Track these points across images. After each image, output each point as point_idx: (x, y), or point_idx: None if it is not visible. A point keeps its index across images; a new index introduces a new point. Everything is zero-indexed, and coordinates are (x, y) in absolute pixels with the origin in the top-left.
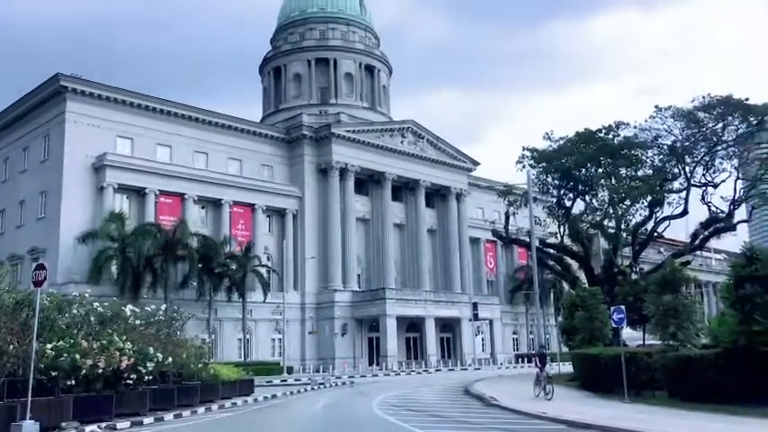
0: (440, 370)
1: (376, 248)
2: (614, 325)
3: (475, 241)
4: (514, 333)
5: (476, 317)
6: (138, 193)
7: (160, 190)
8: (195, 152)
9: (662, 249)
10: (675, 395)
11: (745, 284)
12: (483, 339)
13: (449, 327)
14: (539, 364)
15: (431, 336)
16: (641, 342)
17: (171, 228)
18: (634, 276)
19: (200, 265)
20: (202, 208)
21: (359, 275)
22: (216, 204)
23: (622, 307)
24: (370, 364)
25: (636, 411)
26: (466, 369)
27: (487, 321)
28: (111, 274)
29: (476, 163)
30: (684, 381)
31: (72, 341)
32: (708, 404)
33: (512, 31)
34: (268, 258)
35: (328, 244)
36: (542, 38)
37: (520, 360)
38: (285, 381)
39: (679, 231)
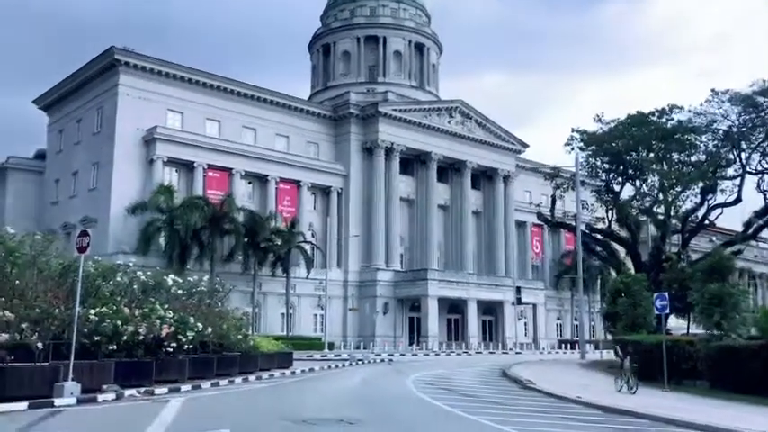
0: (480, 352)
1: (419, 229)
2: (657, 312)
3: (521, 225)
4: (558, 319)
5: (519, 301)
6: (187, 167)
7: (208, 164)
8: (243, 128)
9: (714, 238)
10: (717, 385)
11: None
12: (526, 324)
13: (491, 310)
14: (620, 353)
15: (472, 318)
16: (686, 331)
17: (218, 202)
18: (681, 264)
19: (245, 240)
20: (249, 183)
21: (401, 255)
22: (262, 180)
23: (666, 294)
24: (411, 343)
25: (674, 400)
26: (506, 353)
27: (531, 306)
28: (159, 246)
29: (525, 145)
30: (727, 371)
31: (115, 308)
32: (750, 396)
33: (566, 12)
34: (312, 235)
35: (372, 223)
36: (597, 19)
37: (563, 346)
38: (325, 356)
39: (734, 220)
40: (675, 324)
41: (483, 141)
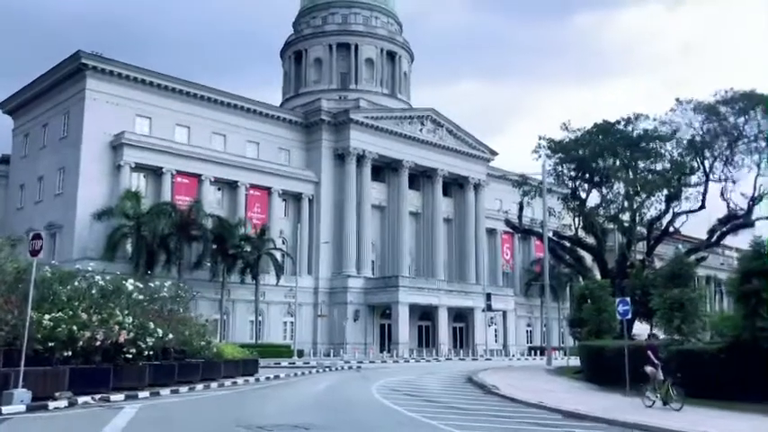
0: (450, 359)
1: (391, 236)
2: (619, 317)
3: (492, 232)
4: (528, 325)
5: (489, 307)
6: (155, 173)
7: (177, 170)
8: (213, 134)
9: (680, 246)
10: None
11: (752, 279)
12: (496, 331)
13: (462, 317)
14: (654, 360)
15: (443, 325)
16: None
17: (186, 208)
18: (645, 270)
19: (214, 246)
20: (219, 189)
21: (373, 262)
22: (232, 186)
23: (627, 299)
24: (382, 350)
25: (634, 405)
26: (476, 359)
27: (501, 313)
28: (126, 252)
29: (494, 153)
30: (687, 375)
31: (71, 313)
32: (710, 399)
33: (537, 23)
34: (283, 242)
35: (343, 230)
36: (567, 30)
37: (533, 352)
38: (293, 363)
39: (701, 228)
40: (640, 330)
41: (454, 149)
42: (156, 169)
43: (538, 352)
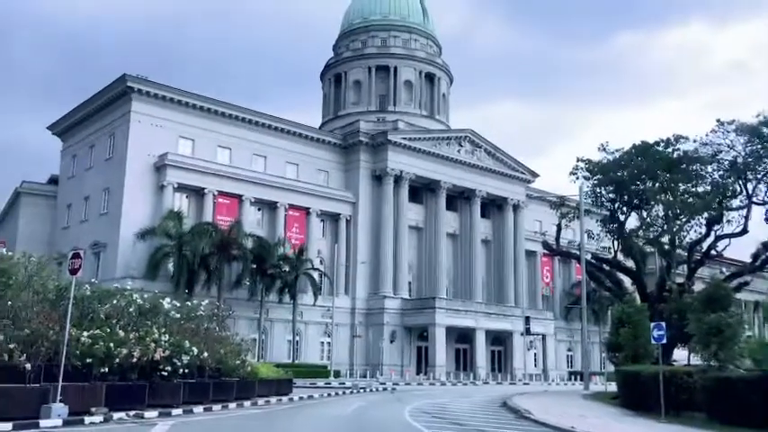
0: (487, 383)
1: (428, 257)
2: (654, 342)
3: (531, 254)
4: (569, 350)
5: (527, 331)
6: (197, 193)
7: (218, 191)
8: (254, 155)
9: (723, 269)
10: (714, 418)
11: None
12: (536, 355)
13: (500, 340)
14: None
15: (480, 348)
16: (687, 362)
17: (227, 228)
18: (683, 294)
19: (253, 266)
20: (259, 210)
21: (410, 283)
22: (272, 207)
23: (662, 323)
24: (418, 372)
25: (663, 431)
26: (514, 383)
27: (540, 336)
28: (168, 271)
29: (534, 174)
30: (724, 403)
31: (109, 330)
32: (749, 429)
33: (578, 43)
34: (321, 262)
35: (380, 250)
36: (610, 51)
37: (573, 377)
38: (329, 383)
39: (747, 251)
40: (680, 356)
41: (493, 170)
42: (198, 190)
43: (578, 377)
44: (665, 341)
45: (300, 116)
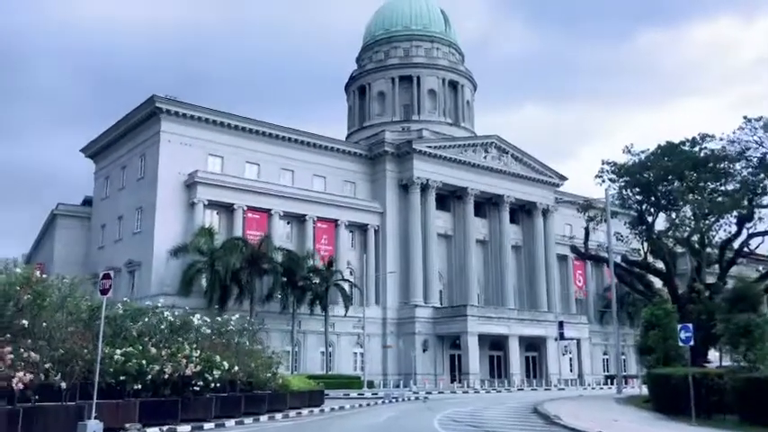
0: (522, 389)
1: (458, 265)
2: (681, 344)
3: (563, 258)
4: (605, 353)
5: (561, 336)
6: (227, 209)
7: (248, 206)
8: (282, 169)
9: (760, 268)
10: (746, 419)
11: None
12: (571, 360)
13: (534, 346)
14: None
15: (514, 354)
16: (719, 363)
17: (257, 242)
18: (712, 294)
19: (284, 279)
20: (288, 223)
21: (441, 291)
22: (300, 220)
23: (689, 325)
24: (452, 381)
25: None
26: (549, 389)
27: (575, 341)
28: (201, 287)
29: (563, 178)
30: (755, 404)
31: (141, 347)
32: None
33: (602, 44)
34: (351, 273)
35: (409, 259)
36: (634, 50)
37: (609, 381)
38: (362, 394)
39: None
40: (715, 356)
41: (520, 175)
42: (227, 206)
43: (614, 381)
44: (692, 343)
45: (327, 128)
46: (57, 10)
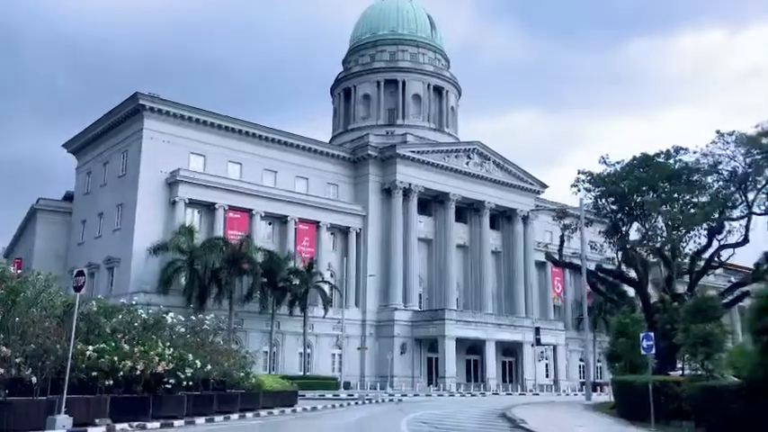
0: (497, 393)
1: (438, 269)
2: (643, 352)
3: (542, 265)
4: (581, 360)
5: (538, 342)
6: (209, 208)
7: (229, 205)
8: (264, 170)
9: (732, 279)
10: (701, 426)
11: (765, 315)
12: (547, 365)
13: (511, 351)
14: None
15: (491, 359)
16: (682, 372)
17: (237, 242)
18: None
19: (264, 279)
20: (269, 224)
21: (420, 295)
22: (282, 221)
23: (651, 334)
24: (429, 384)
25: None
26: (524, 394)
27: (551, 347)
28: (180, 285)
29: (543, 185)
30: (710, 412)
31: (114, 344)
32: None
33: (592, 50)
34: (331, 275)
35: (390, 263)
36: (623, 59)
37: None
38: (337, 395)
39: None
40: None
41: (501, 182)
42: (209, 205)
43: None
44: (653, 351)
45: (312, 130)
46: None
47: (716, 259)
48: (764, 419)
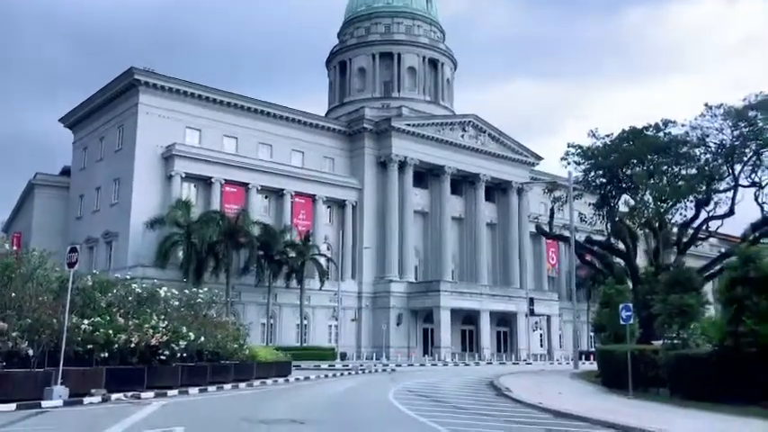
0: (491, 363)
1: (433, 241)
2: (622, 322)
3: (537, 237)
4: (575, 330)
5: (532, 312)
6: (205, 182)
7: (225, 179)
8: (260, 144)
9: (722, 249)
10: (676, 393)
11: (736, 286)
12: (542, 335)
13: (506, 321)
14: None
15: (485, 329)
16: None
17: (234, 216)
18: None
19: (260, 252)
20: (266, 198)
21: (416, 267)
22: (278, 194)
23: (630, 304)
24: (425, 354)
25: (630, 406)
26: (517, 363)
27: (545, 317)
28: (177, 259)
29: (538, 157)
30: (684, 379)
31: (109, 318)
32: (704, 402)
33: (588, 19)
34: (328, 248)
35: (386, 235)
36: (621, 26)
37: (580, 356)
38: (333, 366)
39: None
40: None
41: (496, 154)
42: (205, 179)
43: (583, 356)
44: (631, 321)
45: (308, 104)
46: None
47: (704, 230)
48: (732, 384)
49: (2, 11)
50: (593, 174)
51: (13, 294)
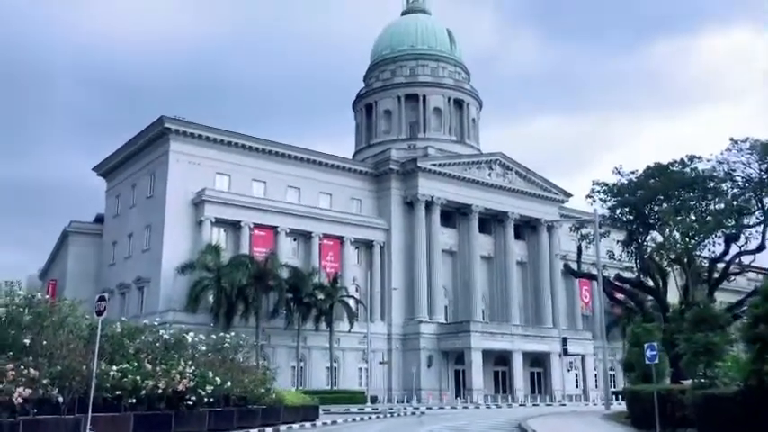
0: (524, 405)
1: (463, 281)
2: (648, 361)
3: (568, 275)
4: (611, 369)
5: (565, 352)
6: (234, 227)
7: (254, 223)
8: (288, 187)
9: (757, 284)
10: None
11: (759, 324)
12: (576, 375)
13: (539, 361)
14: None
15: (518, 370)
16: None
17: (263, 259)
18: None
19: (289, 295)
20: (294, 240)
21: (446, 307)
22: (306, 237)
23: (654, 344)
24: (457, 396)
25: None
26: (551, 404)
27: (580, 356)
28: (208, 303)
29: (567, 194)
30: (711, 419)
31: (137, 364)
32: None
33: (613, 52)
34: (356, 289)
35: (414, 275)
36: (647, 60)
37: (615, 396)
38: (362, 409)
39: None
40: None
41: (524, 192)
42: (234, 223)
43: (619, 396)
44: (656, 361)
45: (334, 146)
46: (68, 26)
47: (736, 263)
48: (760, 424)
49: (36, 59)
50: (619, 211)
51: (45, 342)
